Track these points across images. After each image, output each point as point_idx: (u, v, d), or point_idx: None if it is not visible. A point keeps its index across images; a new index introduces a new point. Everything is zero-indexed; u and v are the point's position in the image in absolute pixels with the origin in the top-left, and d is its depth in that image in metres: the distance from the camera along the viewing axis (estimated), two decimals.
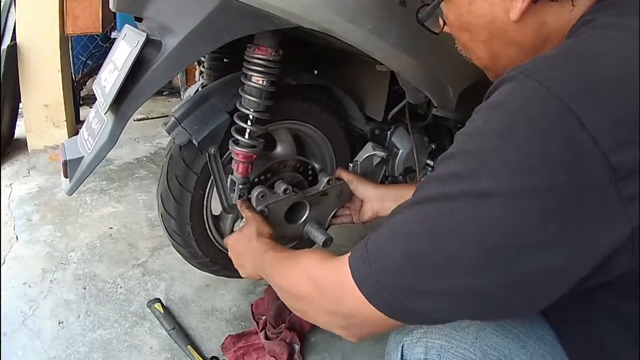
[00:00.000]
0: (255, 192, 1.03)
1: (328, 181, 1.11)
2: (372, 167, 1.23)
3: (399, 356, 0.61)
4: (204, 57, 1.22)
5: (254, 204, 1.03)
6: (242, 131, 0.95)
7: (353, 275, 0.54)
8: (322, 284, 0.61)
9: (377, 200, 1.10)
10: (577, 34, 0.52)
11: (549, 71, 0.46)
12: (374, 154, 1.20)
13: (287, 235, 1.13)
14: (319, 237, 1.10)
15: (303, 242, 1.24)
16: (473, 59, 0.69)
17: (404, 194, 1.07)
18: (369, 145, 1.21)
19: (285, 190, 1.05)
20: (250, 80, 0.91)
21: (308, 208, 1.12)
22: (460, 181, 0.47)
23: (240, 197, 1.01)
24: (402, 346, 0.61)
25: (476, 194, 0.45)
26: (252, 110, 0.92)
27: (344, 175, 1.14)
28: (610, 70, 0.45)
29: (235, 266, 0.99)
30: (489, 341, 0.56)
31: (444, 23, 0.67)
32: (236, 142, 0.96)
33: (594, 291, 0.50)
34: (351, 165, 1.21)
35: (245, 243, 0.95)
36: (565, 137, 0.42)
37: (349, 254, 0.58)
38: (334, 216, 1.17)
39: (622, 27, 0.49)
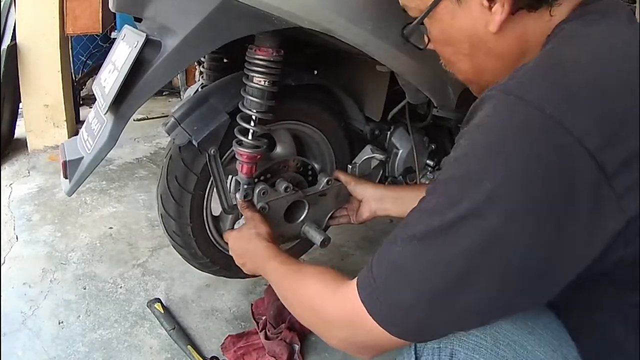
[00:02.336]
0: (257, 189, 1.03)
1: (327, 182, 1.11)
2: (371, 169, 1.23)
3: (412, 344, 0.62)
4: (204, 57, 1.22)
5: (255, 200, 1.03)
6: (245, 132, 0.95)
7: (368, 310, 0.54)
8: (331, 317, 0.61)
9: (376, 200, 1.10)
10: (551, 42, 0.54)
11: (526, 85, 0.48)
12: (372, 157, 1.20)
13: (285, 234, 1.13)
14: (317, 237, 1.10)
15: (301, 242, 1.24)
16: (457, 74, 0.70)
17: (403, 195, 1.07)
18: (367, 147, 1.21)
19: (286, 188, 1.06)
20: (252, 81, 0.92)
21: (307, 208, 1.12)
22: (456, 208, 0.48)
23: (245, 197, 1.01)
24: None
25: (474, 216, 0.47)
26: (254, 110, 0.93)
27: (342, 177, 1.14)
28: (585, 75, 0.47)
29: (237, 263, 1.00)
30: (499, 327, 0.58)
31: (429, 40, 0.69)
32: (240, 143, 0.96)
33: (593, 282, 0.52)
34: (350, 167, 1.21)
35: (244, 243, 0.96)
36: (551, 144, 0.44)
37: (354, 281, 0.58)
38: (331, 217, 1.17)
39: (593, 31, 0.51)
